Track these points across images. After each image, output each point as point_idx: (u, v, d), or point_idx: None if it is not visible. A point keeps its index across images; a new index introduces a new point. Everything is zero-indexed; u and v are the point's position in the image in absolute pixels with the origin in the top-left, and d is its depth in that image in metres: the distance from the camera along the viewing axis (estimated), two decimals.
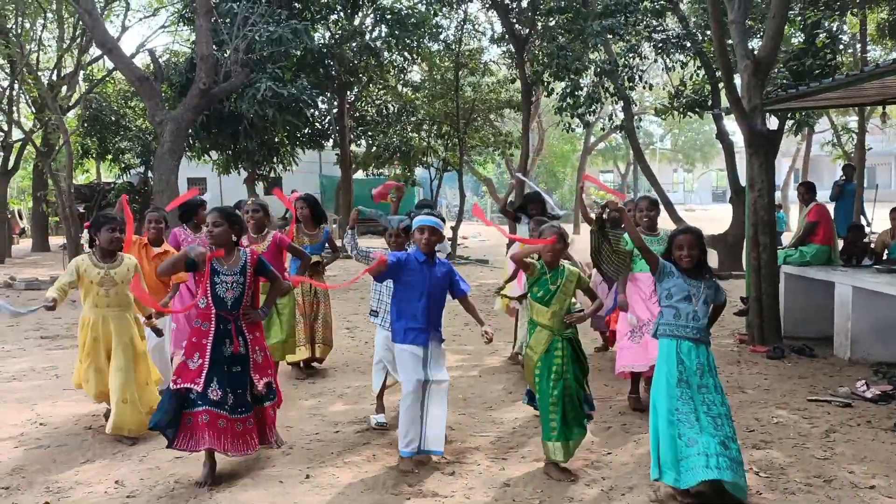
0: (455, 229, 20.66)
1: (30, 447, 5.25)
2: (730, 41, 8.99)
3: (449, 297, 5.08)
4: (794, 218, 24.97)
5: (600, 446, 5.13)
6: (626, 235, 6.52)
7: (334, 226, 23.20)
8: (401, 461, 4.76)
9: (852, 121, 21.21)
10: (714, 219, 26.83)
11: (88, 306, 5.24)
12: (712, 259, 15.69)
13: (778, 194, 29.19)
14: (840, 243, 9.18)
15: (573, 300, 4.89)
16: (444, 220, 5.35)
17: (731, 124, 17.78)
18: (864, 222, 13.38)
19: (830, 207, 10.54)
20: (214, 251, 4.57)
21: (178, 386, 4.50)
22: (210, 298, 4.55)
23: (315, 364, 7.48)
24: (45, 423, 5.76)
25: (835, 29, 14.09)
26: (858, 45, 16.57)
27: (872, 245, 9.05)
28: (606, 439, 5.28)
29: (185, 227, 7.16)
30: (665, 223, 16.28)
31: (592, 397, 4.91)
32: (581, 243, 7.84)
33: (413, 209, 7.75)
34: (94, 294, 5.18)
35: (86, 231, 5.36)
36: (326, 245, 7.39)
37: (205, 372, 4.50)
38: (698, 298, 4.37)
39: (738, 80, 8.81)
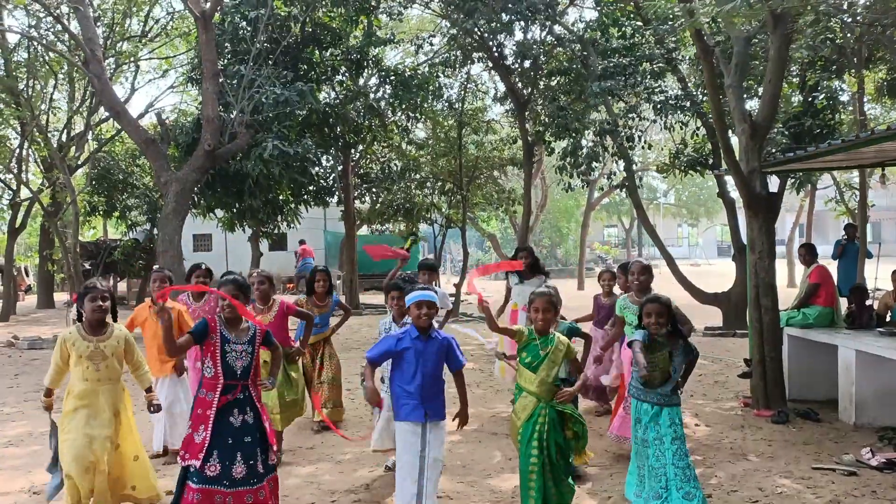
0: (458, 286, 20.65)
1: None
2: (726, 98, 9.10)
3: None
4: (797, 276, 24.93)
5: None
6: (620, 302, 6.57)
7: (338, 282, 23.23)
8: None
9: (854, 178, 21.32)
10: (720, 274, 26.76)
11: (77, 379, 4.90)
12: (716, 317, 15.66)
13: (782, 249, 29.21)
14: (843, 303, 9.13)
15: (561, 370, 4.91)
16: (436, 292, 5.28)
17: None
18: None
19: (833, 266, 10.53)
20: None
21: (186, 462, 4.44)
22: (220, 367, 4.51)
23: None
24: (38, 493, 5.68)
25: (834, 89, 14.25)
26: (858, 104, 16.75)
27: (875, 306, 9.01)
28: None
29: (189, 295, 7.18)
30: (668, 280, 16.23)
31: (581, 470, 4.96)
32: (584, 300, 7.84)
33: (414, 273, 7.85)
34: (84, 368, 4.85)
35: (74, 306, 5.02)
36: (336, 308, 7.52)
37: (206, 446, 4.41)
38: (673, 368, 4.83)
39: (735, 141, 8.90)
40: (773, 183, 14.24)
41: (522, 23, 16.52)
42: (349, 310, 7.82)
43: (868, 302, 9.01)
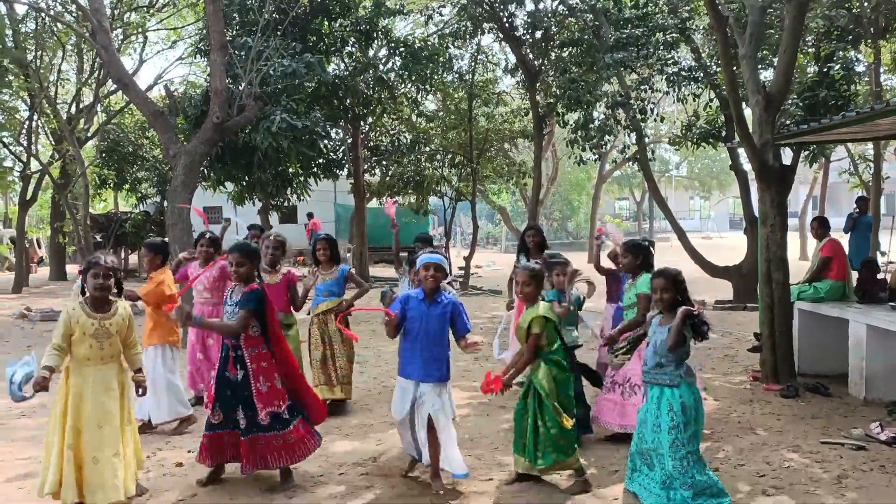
0: (468, 259, 20.64)
1: (34, 488, 5.23)
2: (739, 69, 8.96)
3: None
4: (810, 249, 24.78)
5: (606, 487, 5.04)
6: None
7: (348, 255, 23.27)
8: None
9: (869, 150, 21.07)
10: (731, 247, 26.62)
11: (78, 360, 4.67)
12: (726, 290, 15.59)
13: (795, 222, 28.95)
14: (854, 276, 9.05)
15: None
16: (446, 258, 5.42)
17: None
18: (879, 255, 13.20)
19: (844, 240, 10.42)
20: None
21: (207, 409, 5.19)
22: None
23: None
24: None
25: (849, 59, 14.02)
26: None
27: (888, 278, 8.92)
28: (614, 482, 5.19)
29: (197, 263, 7.28)
30: (679, 253, 16.13)
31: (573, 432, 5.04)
32: (594, 273, 7.74)
33: (415, 244, 7.89)
34: (87, 347, 4.64)
35: (79, 279, 4.87)
36: (347, 281, 7.44)
37: (214, 396, 5.08)
38: (652, 343, 4.71)
39: (749, 113, 8.78)
40: (787, 155, 14.09)
41: None
42: (362, 283, 7.69)
43: (880, 276, 8.93)
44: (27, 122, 19.86)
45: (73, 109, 20.27)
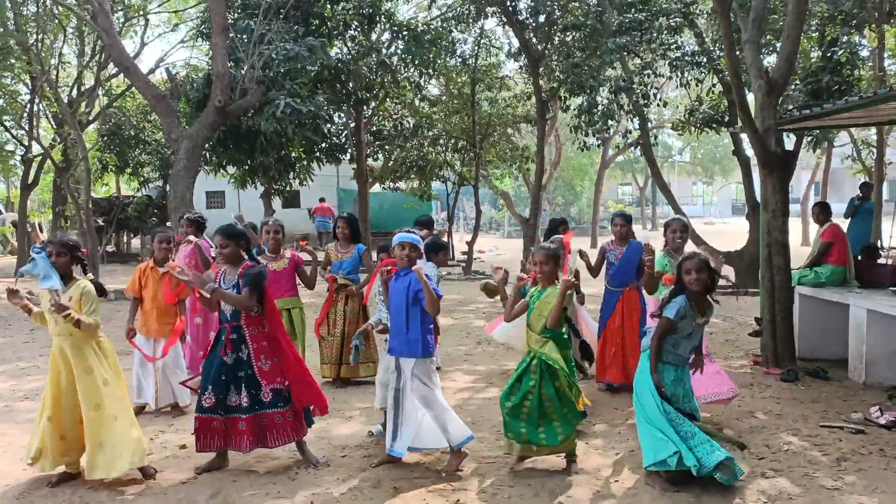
0: (471, 244, 20.64)
1: (35, 470, 5.27)
2: (742, 54, 8.93)
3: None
4: (812, 234, 24.76)
5: (605, 470, 5.08)
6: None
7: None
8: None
9: (872, 135, 21.00)
10: (734, 232, 26.61)
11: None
12: (729, 275, 15.58)
13: (797, 207, 28.89)
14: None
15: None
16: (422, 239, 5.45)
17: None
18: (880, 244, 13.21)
19: (845, 225, 10.42)
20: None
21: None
22: (218, 311, 5.11)
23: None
24: None
25: (853, 44, 13.96)
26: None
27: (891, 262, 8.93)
28: (615, 465, 5.22)
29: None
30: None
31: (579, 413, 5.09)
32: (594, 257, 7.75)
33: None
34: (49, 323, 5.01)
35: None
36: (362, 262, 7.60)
37: (207, 381, 4.98)
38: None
39: (751, 98, 8.76)
40: (791, 140, 14.06)
41: None
42: (372, 267, 7.75)
43: (881, 261, 8.94)
44: (28, 106, 19.81)
45: (75, 93, 20.22)
